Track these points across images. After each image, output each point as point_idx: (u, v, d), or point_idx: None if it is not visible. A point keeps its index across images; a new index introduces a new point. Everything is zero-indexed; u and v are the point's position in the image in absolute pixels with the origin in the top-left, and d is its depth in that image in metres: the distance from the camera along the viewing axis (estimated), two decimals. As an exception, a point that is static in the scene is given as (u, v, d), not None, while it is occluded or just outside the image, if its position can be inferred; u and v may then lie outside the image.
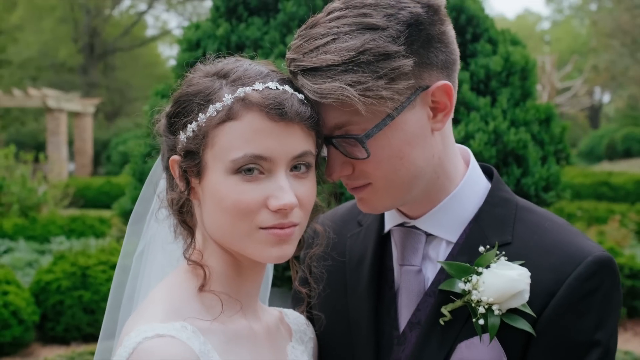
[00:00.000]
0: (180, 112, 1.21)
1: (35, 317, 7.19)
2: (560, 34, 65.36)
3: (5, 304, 6.87)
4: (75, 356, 4.67)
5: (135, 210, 1.41)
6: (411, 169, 1.27)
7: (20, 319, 6.96)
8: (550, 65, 24.21)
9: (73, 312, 7.27)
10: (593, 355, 1.22)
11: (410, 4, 1.24)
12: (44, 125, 35.78)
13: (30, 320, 7.07)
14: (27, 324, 7.04)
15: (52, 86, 40.94)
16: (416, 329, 1.32)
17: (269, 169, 1.17)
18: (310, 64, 1.21)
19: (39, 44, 41.22)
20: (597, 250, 1.28)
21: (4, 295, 6.94)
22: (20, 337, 6.94)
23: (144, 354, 1.05)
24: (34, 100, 28.28)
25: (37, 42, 41.11)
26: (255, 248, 1.18)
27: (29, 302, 7.20)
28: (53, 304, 7.31)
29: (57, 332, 7.29)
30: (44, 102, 27.59)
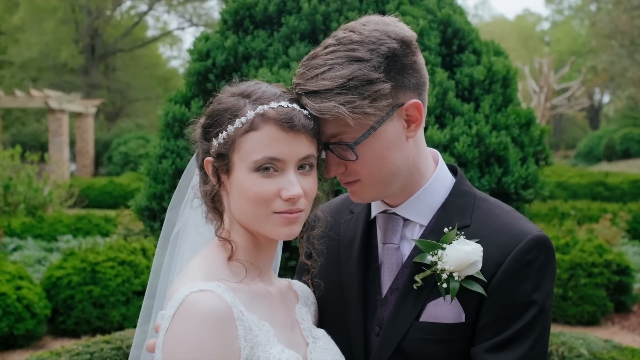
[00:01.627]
0: (213, 124, 1.55)
1: (47, 311, 7.48)
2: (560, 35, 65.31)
3: (19, 298, 7.17)
4: (91, 344, 4.97)
5: (172, 199, 1.73)
6: (391, 168, 1.60)
7: (33, 312, 7.25)
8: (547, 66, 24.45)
9: (83, 306, 7.55)
10: (531, 311, 1.54)
11: (388, 40, 1.56)
12: (45, 126, 35.90)
13: (42, 314, 7.37)
14: (40, 317, 7.33)
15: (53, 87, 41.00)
16: (395, 293, 1.65)
17: (282, 168, 1.50)
18: (312, 88, 1.54)
19: (40, 45, 41.25)
20: (535, 231, 1.61)
21: (18, 290, 7.24)
22: (33, 330, 7.24)
23: (191, 303, 1.38)
24: (36, 101, 28.34)
25: (38, 43, 41.11)
26: (270, 228, 1.52)
27: (41, 296, 7.49)
28: (64, 298, 7.59)
29: (67, 326, 7.58)
30: (46, 103, 27.72)
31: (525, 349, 1.53)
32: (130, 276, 7.78)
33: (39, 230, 12.45)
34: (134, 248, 8.16)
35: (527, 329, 1.54)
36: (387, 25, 1.60)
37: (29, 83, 44.62)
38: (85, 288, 7.57)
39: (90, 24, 43.39)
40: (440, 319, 1.59)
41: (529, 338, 1.54)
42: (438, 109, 3.51)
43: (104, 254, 7.89)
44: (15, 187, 13.89)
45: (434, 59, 3.61)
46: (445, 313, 1.58)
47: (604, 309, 8.02)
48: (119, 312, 7.61)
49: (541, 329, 1.56)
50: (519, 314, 1.55)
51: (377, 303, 1.68)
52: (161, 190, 3.74)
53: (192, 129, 1.65)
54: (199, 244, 1.65)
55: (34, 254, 10.22)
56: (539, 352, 1.56)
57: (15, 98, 28.71)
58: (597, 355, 4.74)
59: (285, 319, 1.60)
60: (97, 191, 21.56)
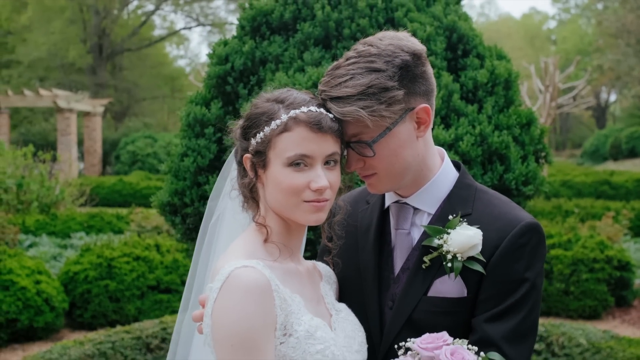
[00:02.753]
0: (251, 125, 1.78)
1: (65, 304, 7.73)
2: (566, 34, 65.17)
3: (39, 292, 7.42)
4: (112, 334, 5.21)
5: (212, 192, 1.97)
6: (403, 163, 1.83)
7: (51, 306, 7.49)
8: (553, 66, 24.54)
9: (99, 300, 7.80)
10: (523, 287, 1.78)
11: (401, 53, 1.80)
12: (52, 125, 36.11)
13: (60, 308, 7.61)
14: (58, 310, 7.58)
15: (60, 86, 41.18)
16: (406, 272, 1.89)
17: (310, 163, 1.73)
18: (336, 94, 1.77)
19: (48, 45, 41.45)
20: (528, 218, 1.84)
21: (37, 284, 7.48)
22: (51, 322, 7.49)
23: (236, 277, 1.62)
24: (45, 100, 28.57)
25: (46, 43, 41.30)
26: (300, 215, 1.75)
27: (59, 290, 7.74)
28: (81, 292, 7.84)
29: (84, 319, 7.82)
30: (54, 102, 27.94)
31: (518, 320, 1.76)
32: (145, 271, 8.02)
33: (53, 227, 12.72)
34: (148, 244, 8.41)
35: (521, 303, 1.77)
36: (400, 40, 1.83)
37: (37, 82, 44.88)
38: (101, 282, 7.82)
39: (98, 24, 43.54)
40: (446, 294, 1.82)
41: (522, 310, 1.77)
42: (444, 110, 3.73)
43: (119, 250, 8.14)
44: (28, 185, 14.14)
45: (440, 63, 3.83)
46: (449, 289, 1.82)
47: (605, 303, 8.23)
48: (134, 306, 7.85)
49: (533, 303, 1.79)
50: (513, 290, 1.78)
51: (390, 281, 1.91)
52: (182, 187, 3.97)
53: (231, 130, 1.88)
54: (236, 230, 1.88)
55: (49, 250, 10.48)
56: (531, 322, 1.79)
57: (24, 97, 28.96)
58: (595, 344, 4.96)
59: (312, 294, 1.83)
60: (107, 190, 21.81)
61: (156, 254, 8.25)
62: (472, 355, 1.56)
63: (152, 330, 5.29)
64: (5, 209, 13.58)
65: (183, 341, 2.17)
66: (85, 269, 7.92)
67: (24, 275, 7.46)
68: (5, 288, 7.26)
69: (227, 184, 1.92)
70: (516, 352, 1.73)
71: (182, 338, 2.16)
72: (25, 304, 7.28)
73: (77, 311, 7.92)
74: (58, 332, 7.76)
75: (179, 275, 8.18)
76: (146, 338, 5.20)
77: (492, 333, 1.74)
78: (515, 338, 1.74)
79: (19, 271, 7.43)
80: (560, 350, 5.15)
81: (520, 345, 1.75)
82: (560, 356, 5.12)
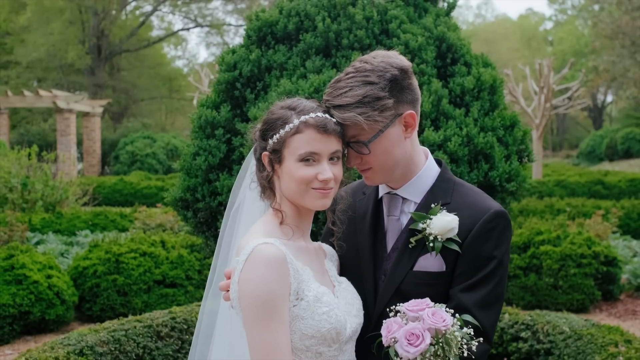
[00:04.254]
0: (269, 128, 2.13)
1: (74, 298, 8.07)
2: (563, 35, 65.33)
3: (50, 286, 7.75)
4: (125, 322, 5.54)
5: (235, 184, 2.33)
6: (394, 160, 2.19)
7: (62, 299, 7.82)
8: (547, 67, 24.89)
9: (108, 294, 8.13)
10: (492, 264, 2.13)
11: (391, 69, 2.15)
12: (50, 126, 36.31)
13: (70, 301, 7.94)
14: (68, 304, 7.90)
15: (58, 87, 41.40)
16: (396, 251, 2.24)
17: (318, 159, 2.09)
18: (337, 103, 2.14)
19: (47, 46, 41.61)
20: (496, 207, 2.20)
21: (49, 279, 7.82)
22: (62, 315, 7.81)
23: (259, 252, 1.97)
24: (44, 101, 28.74)
25: (45, 44, 41.44)
26: (309, 201, 2.11)
27: (69, 285, 8.08)
28: (90, 286, 8.17)
29: (93, 312, 8.15)
30: (54, 102, 28.13)
31: (488, 290, 2.12)
32: (151, 266, 8.37)
33: (58, 225, 13.05)
34: (154, 240, 8.75)
35: (489, 276, 2.13)
36: (390, 58, 2.19)
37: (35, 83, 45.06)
38: (109, 277, 8.15)
39: (97, 25, 43.65)
40: (428, 268, 2.18)
41: (491, 282, 2.13)
42: (433, 113, 4.08)
43: (126, 246, 8.47)
44: (33, 185, 14.46)
45: (430, 71, 4.19)
46: (431, 264, 2.18)
47: (593, 297, 8.59)
48: (141, 300, 8.19)
49: (500, 276, 2.15)
50: (483, 265, 2.14)
51: (383, 259, 2.28)
52: (194, 184, 4.32)
53: (250, 132, 2.24)
54: (254, 216, 2.24)
55: (56, 247, 10.80)
56: (498, 292, 2.15)
57: (24, 98, 29.12)
58: (577, 331, 5.31)
59: (319, 268, 2.19)
60: (108, 189, 22.11)
61: (162, 250, 8.59)
62: (449, 316, 1.90)
63: (162, 320, 5.62)
64: (10, 208, 13.89)
65: (207, 323, 2.50)
66: (94, 264, 8.25)
67: (36, 270, 7.78)
68: (18, 282, 7.59)
69: (246, 177, 2.28)
70: (485, 316, 2.09)
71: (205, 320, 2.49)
72: (38, 297, 7.60)
73: (86, 304, 8.24)
74: (68, 325, 8.08)
75: (184, 270, 8.53)
76: (156, 327, 5.53)
77: (466, 301, 2.10)
78: (484, 305, 2.11)
79: (31, 266, 7.76)
80: (545, 337, 5.50)
81: (489, 311, 2.11)
82: (545, 343, 5.47)
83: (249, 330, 1.98)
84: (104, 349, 5.10)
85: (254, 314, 1.96)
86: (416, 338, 1.84)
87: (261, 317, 1.95)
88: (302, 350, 2.03)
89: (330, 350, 2.06)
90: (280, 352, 1.95)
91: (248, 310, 1.98)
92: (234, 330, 2.32)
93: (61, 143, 28.34)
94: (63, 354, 4.78)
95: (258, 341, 1.96)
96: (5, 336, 7.45)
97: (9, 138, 30.11)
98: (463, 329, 1.91)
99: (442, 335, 1.85)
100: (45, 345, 5.01)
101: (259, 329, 1.95)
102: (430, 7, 4.62)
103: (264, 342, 1.95)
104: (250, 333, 1.98)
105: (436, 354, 1.84)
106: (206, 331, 2.52)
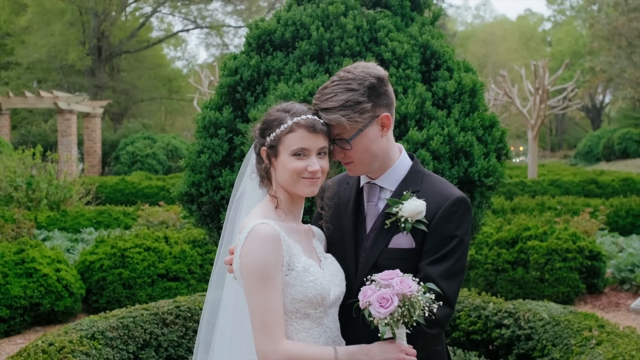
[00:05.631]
0: (267, 128, 2.51)
1: (82, 291, 8.46)
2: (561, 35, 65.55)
3: (59, 279, 8.14)
4: (133, 310, 5.91)
5: (238, 174, 2.72)
6: (372, 154, 2.57)
7: (70, 292, 8.21)
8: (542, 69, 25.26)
9: (114, 287, 8.52)
10: (454, 241, 2.51)
11: (370, 78, 2.53)
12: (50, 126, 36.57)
13: (78, 293, 8.33)
14: (76, 296, 8.29)
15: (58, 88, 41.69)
16: (374, 231, 2.62)
17: (308, 154, 2.47)
18: (324, 106, 2.52)
19: (48, 47, 41.84)
20: (458, 193, 2.58)
21: (57, 272, 8.21)
22: (70, 307, 8.20)
23: (257, 230, 2.36)
24: (45, 101, 29.00)
25: (46, 45, 41.68)
26: (300, 188, 2.49)
27: (77, 278, 8.46)
28: (97, 280, 8.56)
29: (100, 304, 8.53)
30: (55, 103, 28.38)
31: (450, 263, 2.50)
32: (155, 261, 8.75)
33: (63, 223, 13.44)
34: (157, 236, 9.13)
35: (452, 252, 2.51)
36: (369, 68, 2.58)
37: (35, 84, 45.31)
38: (115, 271, 8.54)
39: (97, 26, 43.87)
40: (400, 245, 2.56)
41: (453, 257, 2.51)
42: (418, 114, 4.45)
43: (131, 241, 8.86)
44: (37, 184, 14.85)
45: (415, 75, 4.56)
46: (403, 242, 2.56)
47: (577, 289, 8.97)
48: (145, 292, 8.58)
49: (461, 252, 2.53)
50: (446, 243, 2.52)
51: (363, 238, 2.66)
52: (199, 179, 4.69)
53: (250, 131, 2.63)
54: (253, 201, 2.63)
55: (62, 243, 11.19)
56: (460, 265, 2.53)
57: (25, 99, 29.31)
58: (555, 318, 5.70)
59: (307, 245, 2.58)
60: (109, 189, 22.45)
61: (165, 245, 8.98)
62: (415, 284, 2.29)
63: (167, 308, 6.00)
64: (16, 206, 14.27)
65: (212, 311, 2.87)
66: (101, 258, 8.65)
67: (45, 264, 8.17)
68: (29, 275, 7.98)
69: (247, 169, 2.68)
70: (447, 285, 2.48)
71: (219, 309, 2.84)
72: (47, 290, 7.99)
73: (93, 297, 8.63)
74: (76, 316, 8.45)
75: (186, 264, 8.92)
76: (162, 314, 5.90)
77: (432, 272, 2.48)
78: (447, 276, 2.49)
79: (40, 260, 8.15)
80: (525, 324, 5.88)
81: (451, 281, 2.50)
82: (526, 329, 5.84)
83: (249, 295, 2.38)
84: (114, 334, 5.47)
85: (253, 281, 2.35)
86: (386, 301, 2.22)
87: (259, 284, 2.35)
88: (293, 312, 2.43)
89: (316, 313, 2.45)
90: (274, 313, 2.35)
91: (248, 279, 2.37)
92: (235, 318, 2.68)
93: (62, 144, 28.54)
94: (76, 338, 5.15)
95: (256, 304, 2.36)
96: (16, 326, 7.83)
97: (10, 139, 30.34)
98: (426, 294, 2.30)
99: (408, 299, 2.24)
100: (59, 330, 5.39)
101: (257, 294, 2.35)
102: (417, 17, 5.00)
103: (261, 304, 2.35)
104: (250, 297, 2.38)
105: (402, 314, 2.23)
106: (209, 319, 2.87)
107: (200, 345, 2.88)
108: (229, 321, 2.73)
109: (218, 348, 2.75)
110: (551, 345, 5.51)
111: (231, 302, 2.71)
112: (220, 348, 2.73)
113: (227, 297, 2.74)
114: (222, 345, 2.73)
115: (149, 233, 9.16)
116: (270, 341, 2.33)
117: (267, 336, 2.34)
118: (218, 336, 2.77)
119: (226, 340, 2.72)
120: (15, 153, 16.18)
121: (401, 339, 2.33)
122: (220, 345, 2.74)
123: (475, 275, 9.16)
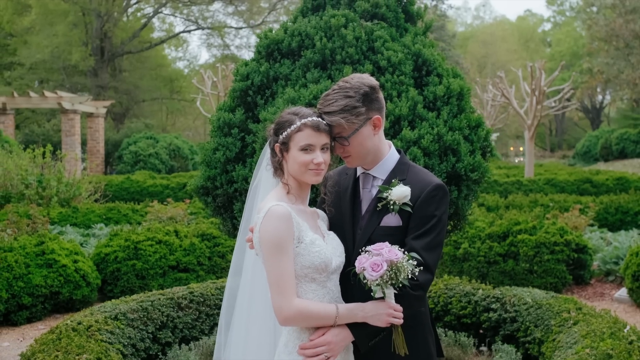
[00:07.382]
0: (280, 127, 3.03)
1: (98, 281, 8.97)
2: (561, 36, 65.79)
3: (77, 270, 8.66)
4: (150, 295, 6.45)
5: (256, 166, 3.26)
6: (366, 150, 3.09)
7: (87, 281, 8.72)
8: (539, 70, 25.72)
9: (127, 277, 9.02)
10: (434, 220, 3.02)
11: (364, 87, 3.05)
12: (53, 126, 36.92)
13: (94, 283, 8.84)
14: (92, 286, 8.80)
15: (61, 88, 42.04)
16: (368, 213, 3.14)
17: (313, 149, 2.98)
18: (326, 110, 3.04)
19: (51, 48, 42.15)
20: (438, 181, 3.10)
21: (75, 263, 8.74)
22: (87, 295, 8.71)
23: (273, 211, 2.87)
24: (49, 102, 29.28)
25: (49, 46, 41.96)
26: (307, 177, 3.00)
27: (93, 269, 8.99)
28: (111, 271, 9.07)
29: (114, 294, 9.01)
30: (59, 103, 28.68)
31: (431, 238, 3.02)
32: (166, 253, 9.29)
33: (74, 219, 13.96)
34: (168, 230, 9.66)
35: (432, 228, 3.03)
36: (363, 79, 3.11)
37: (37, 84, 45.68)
38: (129, 262, 9.06)
39: (100, 27, 44.22)
40: (390, 224, 3.08)
41: (433, 233, 3.03)
42: (410, 116, 4.98)
43: (143, 235, 9.38)
44: (48, 181, 15.37)
45: (408, 81, 5.09)
46: (392, 221, 3.08)
47: (565, 280, 9.49)
48: (157, 283, 9.10)
49: (440, 229, 3.05)
50: (427, 221, 3.04)
51: (359, 218, 3.19)
52: (214, 174, 5.23)
53: (266, 130, 3.16)
54: (268, 188, 3.15)
55: (75, 238, 11.72)
56: (439, 240, 3.04)
57: (30, 99, 29.56)
58: (538, 301, 6.23)
59: (313, 224, 3.11)
60: (115, 187, 22.89)
61: (175, 238, 9.51)
62: (400, 253, 2.83)
63: (182, 294, 6.54)
64: (27, 204, 14.79)
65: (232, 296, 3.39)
66: (115, 250, 9.18)
67: (64, 255, 8.70)
68: (49, 266, 8.51)
69: (263, 161, 3.22)
70: (428, 256, 3.00)
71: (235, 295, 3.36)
72: (66, 279, 8.51)
73: (108, 287, 9.15)
74: (92, 305, 8.94)
75: (196, 257, 9.45)
76: (177, 299, 6.44)
77: (415, 245, 3.01)
78: (428, 248, 3.02)
79: (59, 252, 8.68)
80: (511, 307, 6.42)
81: (431, 252, 3.02)
82: (511, 312, 6.38)
83: (267, 263, 2.92)
84: (134, 316, 6.01)
85: (270, 251, 2.89)
86: (377, 266, 2.77)
87: (274, 254, 2.89)
88: (302, 276, 2.97)
89: (321, 277, 3.00)
90: (287, 276, 2.89)
91: (266, 250, 2.91)
92: (251, 301, 3.20)
93: (66, 143, 28.73)
94: (102, 318, 5.69)
95: (273, 269, 2.90)
96: (38, 313, 8.36)
97: (14, 138, 30.69)
98: (410, 261, 2.84)
99: (395, 265, 2.78)
100: (85, 311, 5.94)
101: (274, 261, 2.89)
102: (410, 27, 5.53)
103: (277, 269, 2.89)
104: (268, 265, 2.92)
105: (390, 277, 2.77)
106: (229, 303, 3.36)
107: (223, 326, 3.41)
108: (245, 305, 3.25)
109: (236, 327, 3.28)
110: (533, 326, 6.04)
111: (247, 289, 3.24)
112: (239, 327, 3.26)
113: (244, 284, 3.27)
114: (239, 325, 3.26)
115: (160, 227, 9.68)
116: (284, 299, 2.87)
117: (282, 295, 2.87)
118: (236, 317, 3.29)
119: (243, 320, 3.24)
120: (26, 152, 16.70)
121: (390, 298, 2.88)
122: (239, 325, 3.27)
123: (469, 267, 9.69)
